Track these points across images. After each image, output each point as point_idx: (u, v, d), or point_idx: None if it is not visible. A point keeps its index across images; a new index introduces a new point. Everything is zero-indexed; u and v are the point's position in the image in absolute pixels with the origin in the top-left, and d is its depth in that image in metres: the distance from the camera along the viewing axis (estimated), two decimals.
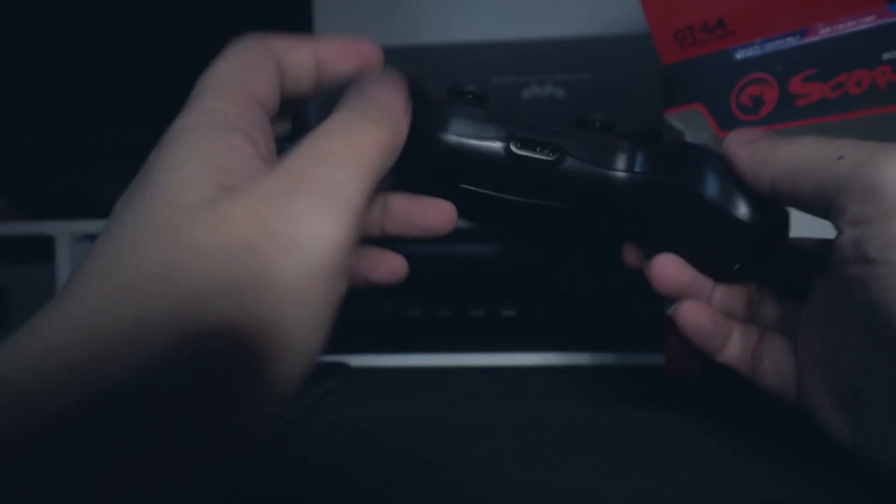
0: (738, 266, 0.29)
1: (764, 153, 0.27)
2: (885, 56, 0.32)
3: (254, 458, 0.25)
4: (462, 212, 0.29)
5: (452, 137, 0.28)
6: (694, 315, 0.30)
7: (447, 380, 0.34)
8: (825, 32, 0.34)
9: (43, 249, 0.48)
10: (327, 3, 0.66)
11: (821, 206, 0.25)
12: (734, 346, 0.30)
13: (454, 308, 0.50)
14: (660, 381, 0.28)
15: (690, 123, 0.38)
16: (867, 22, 0.33)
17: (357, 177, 0.20)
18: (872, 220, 0.23)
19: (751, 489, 0.26)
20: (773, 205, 0.28)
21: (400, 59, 0.60)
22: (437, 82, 0.54)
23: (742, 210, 0.28)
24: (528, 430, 0.32)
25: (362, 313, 0.51)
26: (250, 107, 0.22)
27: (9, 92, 0.60)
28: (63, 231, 0.48)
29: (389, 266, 0.29)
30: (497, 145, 0.28)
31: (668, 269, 0.30)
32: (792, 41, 0.34)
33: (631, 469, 0.28)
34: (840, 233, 0.25)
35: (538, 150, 0.28)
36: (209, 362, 0.18)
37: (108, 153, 0.54)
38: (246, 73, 0.23)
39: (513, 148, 0.28)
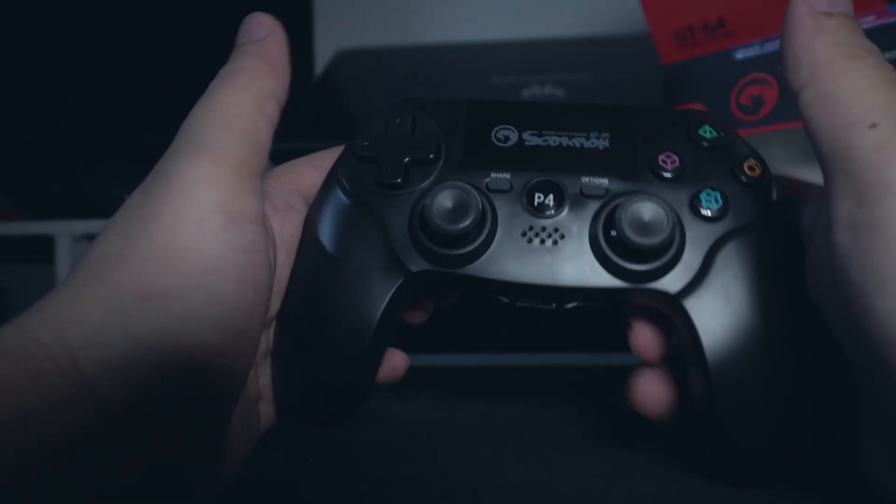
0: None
1: (820, 52, 0.21)
2: (885, 56, 0.32)
3: (251, 455, 0.25)
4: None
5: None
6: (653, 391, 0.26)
7: (446, 380, 0.34)
8: None
9: (43, 249, 0.48)
10: (327, 3, 0.66)
11: (827, 172, 0.20)
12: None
13: (452, 308, 0.50)
14: None
15: None
16: (867, 22, 0.33)
17: (222, 128, 0.22)
18: (862, 229, 0.18)
19: (753, 490, 0.26)
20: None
21: (400, 60, 0.60)
22: (438, 82, 0.54)
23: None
24: (528, 430, 0.32)
25: None
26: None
27: (9, 92, 0.60)
28: (63, 231, 0.48)
29: (391, 364, 0.28)
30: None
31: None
32: None
33: (631, 469, 0.28)
34: (830, 229, 0.19)
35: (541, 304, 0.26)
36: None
37: (108, 153, 0.54)
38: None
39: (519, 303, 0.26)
